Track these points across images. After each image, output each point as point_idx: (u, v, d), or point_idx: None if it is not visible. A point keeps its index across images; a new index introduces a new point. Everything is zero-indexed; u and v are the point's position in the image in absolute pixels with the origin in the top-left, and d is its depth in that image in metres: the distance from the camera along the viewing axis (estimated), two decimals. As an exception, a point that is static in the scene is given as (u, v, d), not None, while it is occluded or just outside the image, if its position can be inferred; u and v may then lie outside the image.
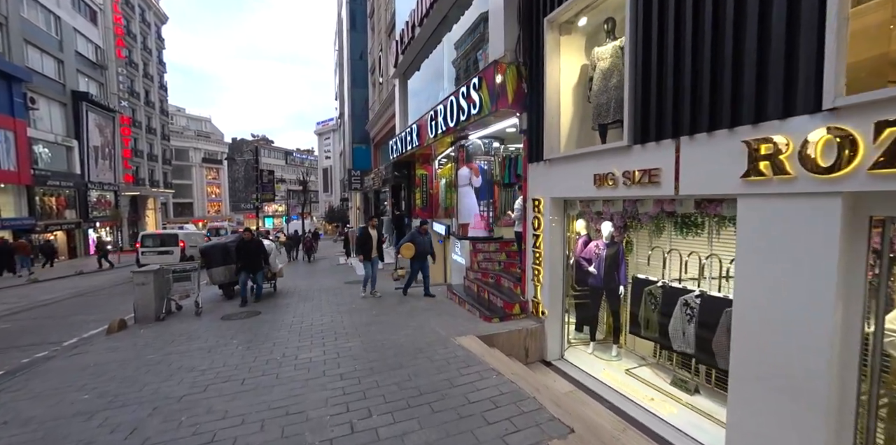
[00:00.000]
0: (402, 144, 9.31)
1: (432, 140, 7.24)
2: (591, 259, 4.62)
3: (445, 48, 7.98)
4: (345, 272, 11.22)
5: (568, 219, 4.77)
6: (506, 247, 6.93)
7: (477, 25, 8.05)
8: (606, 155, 3.71)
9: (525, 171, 5.12)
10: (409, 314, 5.60)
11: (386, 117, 13.31)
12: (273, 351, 4.12)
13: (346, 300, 6.84)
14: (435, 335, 4.51)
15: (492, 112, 4.98)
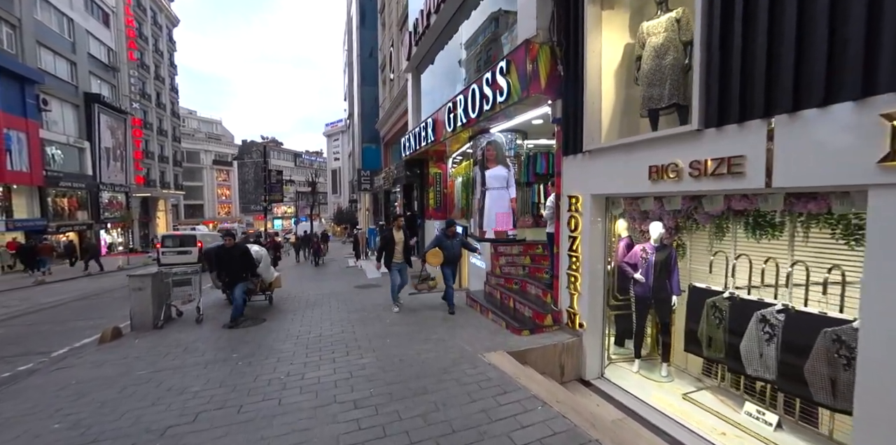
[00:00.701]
0: (415, 141, 8.82)
1: (450, 134, 6.73)
2: (637, 264, 4.04)
3: (464, 34, 7.46)
4: (354, 275, 10.75)
5: (610, 218, 4.20)
6: (530, 251, 6.37)
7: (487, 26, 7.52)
8: (666, 143, 3.15)
9: (558, 166, 4.57)
10: (427, 324, 5.07)
11: (397, 114, 12.86)
12: (277, 367, 3.62)
13: (357, 307, 6.34)
14: (460, 350, 3.97)
15: (522, 99, 4.44)
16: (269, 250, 11.20)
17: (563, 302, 4.55)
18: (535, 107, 4.85)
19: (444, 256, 5.61)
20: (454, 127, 6.45)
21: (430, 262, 5.64)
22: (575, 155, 4.25)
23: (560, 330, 4.51)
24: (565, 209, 4.42)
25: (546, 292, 5.10)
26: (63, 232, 20.78)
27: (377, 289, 8.05)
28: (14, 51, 18.08)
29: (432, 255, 5.62)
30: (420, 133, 8.42)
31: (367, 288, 8.21)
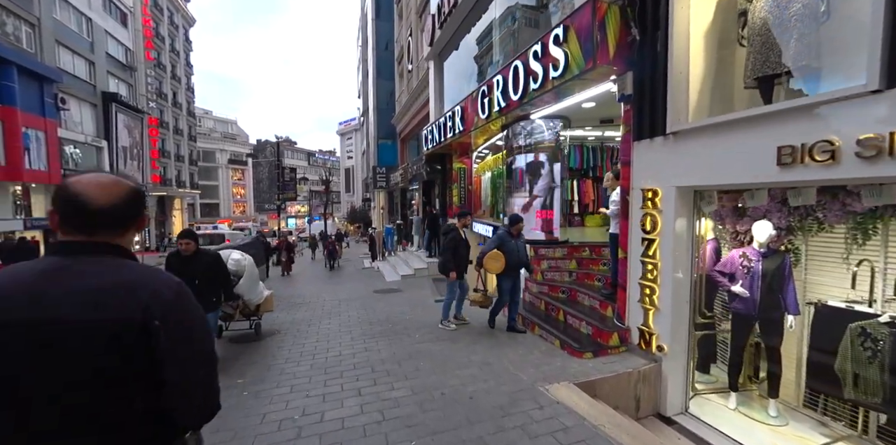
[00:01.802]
0: (438, 133, 8.09)
1: (483, 122, 5.97)
2: (735, 274, 3.22)
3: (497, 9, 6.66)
4: (371, 278, 10.11)
5: (698, 216, 3.38)
6: (575, 254, 5.57)
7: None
8: (808, 114, 2.32)
9: (626, 153, 3.76)
10: (463, 340, 4.34)
11: (416, 108, 12.18)
12: (290, 401, 2.94)
13: (380, 316, 5.65)
14: (513, 379, 3.22)
15: (584, 71, 3.65)
16: (280, 251, 10.55)
17: (632, 319, 3.75)
18: (596, 83, 4.05)
19: (505, 261, 4.31)
20: (489, 113, 5.69)
21: (488, 269, 4.34)
22: (652, 139, 3.44)
23: (629, 353, 3.71)
24: (637, 205, 3.62)
25: (605, 304, 4.30)
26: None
27: (398, 295, 7.37)
28: (33, 50, 18.13)
29: (492, 259, 4.26)
30: (445, 124, 7.69)
31: (388, 294, 7.54)
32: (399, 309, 6.03)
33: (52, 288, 0.81)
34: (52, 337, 0.77)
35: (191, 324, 0.90)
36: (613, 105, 5.06)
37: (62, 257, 0.86)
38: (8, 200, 16.72)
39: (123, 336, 0.80)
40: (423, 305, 6.29)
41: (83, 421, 0.80)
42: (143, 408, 0.84)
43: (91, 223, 0.87)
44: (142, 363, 0.82)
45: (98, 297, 0.81)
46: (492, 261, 4.32)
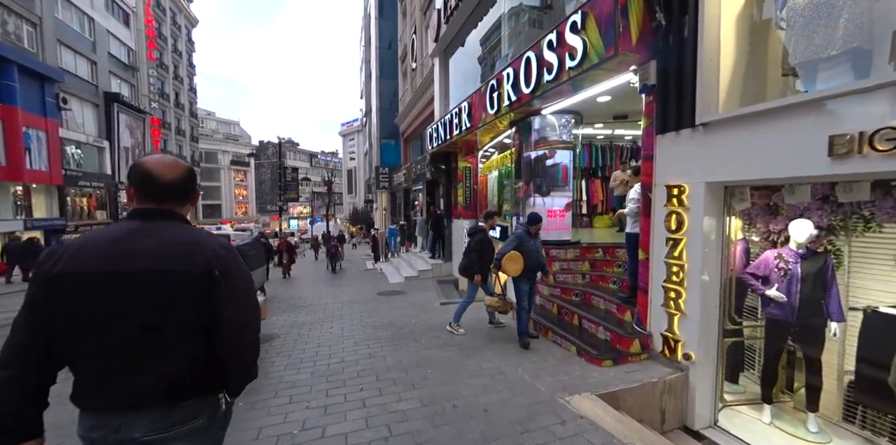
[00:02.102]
0: (444, 131, 7.88)
1: (491, 118, 5.75)
2: (770, 277, 2.98)
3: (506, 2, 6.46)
4: (375, 279, 9.88)
5: (729, 214, 3.14)
6: (588, 255, 5.34)
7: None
8: (867, 99, 2.09)
9: (648, 147, 3.53)
10: (473, 345, 4.10)
11: (419, 106, 11.98)
12: (288, 413, 2.71)
13: (384, 320, 5.42)
14: (530, 390, 2.98)
15: (604, 60, 3.42)
16: (282, 253, 10.31)
17: (654, 324, 3.51)
18: (615, 74, 3.82)
19: (524, 263, 4.00)
20: (497, 108, 5.47)
21: (507, 271, 4.00)
22: (678, 132, 3.22)
23: (651, 361, 3.46)
24: (660, 203, 3.38)
25: (623, 308, 4.06)
26: (81, 232, 20.71)
27: (402, 297, 7.14)
28: (35, 49, 18.05)
29: (511, 260, 3.93)
30: (450, 121, 7.48)
31: (391, 296, 7.31)
32: (404, 312, 5.80)
33: (134, 244, 1.01)
34: (144, 279, 0.99)
35: (238, 274, 1.10)
36: (630, 99, 4.85)
37: (141, 221, 1.07)
38: (8, 200, 16.60)
39: (193, 280, 1.02)
40: (429, 308, 6.06)
41: (163, 341, 1.01)
42: (203, 347, 1.05)
43: (161, 194, 1.08)
44: (205, 302, 1.03)
45: (172, 252, 1.03)
46: (510, 263, 3.97)
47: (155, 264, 1.00)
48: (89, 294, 0.98)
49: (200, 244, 1.06)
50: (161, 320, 1.00)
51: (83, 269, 0.99)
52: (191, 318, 1.03)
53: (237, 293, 1.09)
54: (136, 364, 1.00)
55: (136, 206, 1.09)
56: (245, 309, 1.11)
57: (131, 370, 0.99)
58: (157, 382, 1.00)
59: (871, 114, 2.05)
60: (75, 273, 0.98)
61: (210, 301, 1.04)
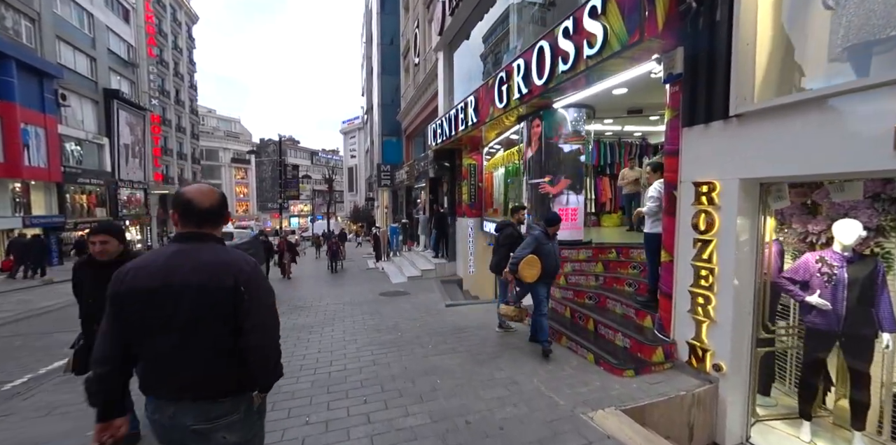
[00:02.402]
0: (448, 126, 7.63)
1: (500, 112, 5.50)
2: (811, 282, 2.73)
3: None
4: (377, 279, 9.66)
5: (765, 213, 2.89)
6: (601, 255, 5.09)
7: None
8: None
9: (672, 141, 3.28)
10: (483, 351, 3.87)
11: (422, 102, 11.73)
12: (286, 429, 2.50)
13: (387, 322, 5.19)
14: (548, 403, 2.75)
15: (628, 47, 3.17)
16: (282, 253, 10.02)
17: (679, 331, 3.27)
18: (636, 63, 3.57)
19: (542, 267, 3.72)
20: (507, 102, 5.22)
21: (523, 276, 3.68)
22: (707, 124, 2.97)
23: (676, 371, 3.23)
24: (687, 201, 3.14)
25: (642, 313, 3.82)
26: (81, 229, 20.55)
27: (406, 298, 6.91)
28: (33, 45, 17.83)
29: (528, 265, 3.66)
30: (455, 116, 7.23)
31: (395, 297, 7.09)
32: (408, 315, 5.58)
33: (178, 262, 1.24)
34: (184, 293, 1.21)
35: (260, 288, 1.28)
36: (648, 91, 4.60)
37: (183, 243, 1.29)
38: (7, 197, 16.42)
39: (224, 294, 1.22)
40: (433, 310, 5.83)
41: (205, 348, 1.23)
42: (235, 350, 1.25)
43: (199, 219, 1.29)
44: (233, 312, 1.23)
45: (209, 269, 1.24)
46: (528, 268, 3.66)
47: (192, 280, 1.21)
48: (147, 306, 1.21)
49: (230, 263, 1.26)
50: (198, 327, 1.21)
51: (142, 286, 1.22)
52: (223, 326, 1.23)
53: (259, 304, 1.27)
54: (181, 364, 1.22)
55: (180, 230, 1.31)
56: (266, 316, 1.30)
57: (178, 368, 1.22)
58: (197, 380, 1.22)
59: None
60: (137, 289, 1.22)
61: (237, 311, 1.23)
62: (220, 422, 1.24)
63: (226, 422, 1.24)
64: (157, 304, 1.20)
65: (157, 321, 1.21)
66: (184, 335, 1.21)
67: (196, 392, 1.23)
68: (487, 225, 7.98)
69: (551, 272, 3.83)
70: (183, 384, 1.22)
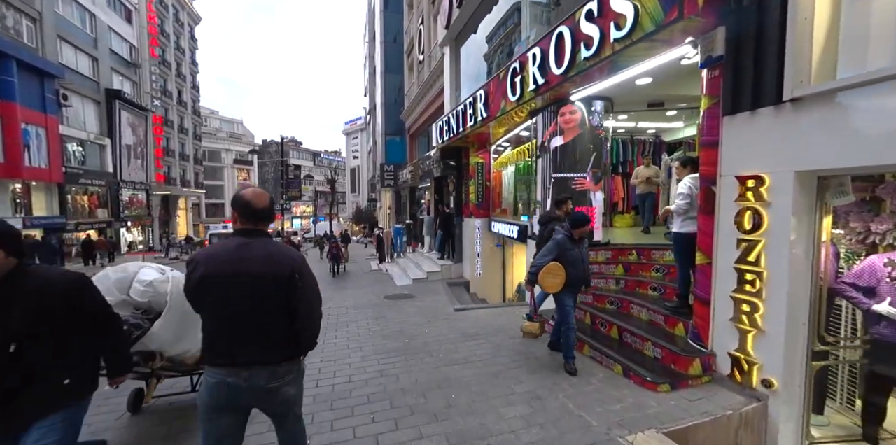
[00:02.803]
0: (456, 123, 7.34)
1: (512, 106, 5.20)
2: (879, 288, 2.42)
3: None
4: (380, 281, 9.37)
5: (822, 210, 2.58)
6: (621, 257, 4.78)
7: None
8: None
9: (711, 132, 2.98)
10: (499, 361, 3.57)
11: (427, 100, 11.47)
12: (286, 455, 2.19)
13: (393, 328, 4.90)
14: (578, 424, 2.44)
15: (664, 26, 2.87)
16: None
17: (718, 342, 2.96)
18: (668, 46, 3.26)
19: (566, 276, 3.24)
20: (521, 94, 4.92)
21: (545, 287, 3.26)
22: (754, 111, 2.66)
23: (716, 385, 2.91)
24: (729, 197, 2.83)
25: (672, 320, 3.51)
26: (82, 231, 20.40)
27: (411, 302, 6.61)
28: (34, 44, 17.72)
29: (550, 273, 3.19)
30: (463, 112, 6.94)
31: (400, 300, 6.79)
32: (415, 320, 5.28)
33: (245, 254, 1.50)
34: (251, 280, 1.48)
35: (309, 276, 1.60)
36: (674, 81, 4.30)
37: (244, 237, 1.54)
38: (7, 198, 16.26)
39: (283, 280, 1.50)
40: (441, 315, 5.53)
41: (268, 323, 1.52)
42: (288, 324, 1.55)
43: (255, 217, 1.56)
44: (288, 296, 1.52)
45: (271, 261, 1.51)
46: (549, 277, 3.18)
47: (257, 268, 1.46)
48: (219, 288, 1.46)
49: (284, 254, 1.53)
50: (263, 307, 1.47)
51: (214, 272, 1.47)
52: (281, 305, 1.49)
53: (308, 288, 1.55)
54: (251, 336, 1.48)
55: (240, 227, 1.54)
56: (313, 299, 1.59)
57: (249, 340, 1.48)
58: (266, 348, 1.50)
59: None
60: (210, 275, 1.47)
61: (292, 294, 1.50)
62: (286, 379, 1.54)
63: (289, 379, 1.56)
64: (232, 288, 1.45)
65: (228, 301, 1.45)
66: (254, 313, 1.47)
67: (265, 358, 1.48)
68: (496, 225, 7.68)
69: (577, 282, 3.32)
70: (255, 352, 1.47)
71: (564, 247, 3.25)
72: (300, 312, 1.53)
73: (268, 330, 1.51)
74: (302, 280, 1.54)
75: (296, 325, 1.54)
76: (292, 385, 1.60)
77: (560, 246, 3.25)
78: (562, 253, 3.24)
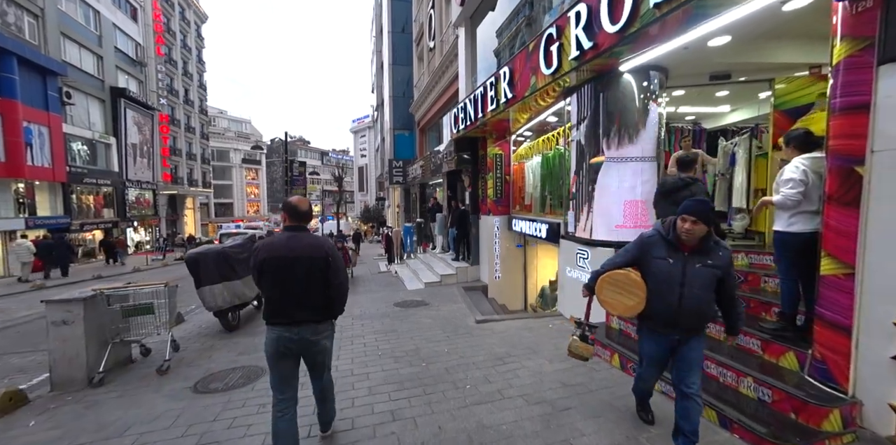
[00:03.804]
0: (474, 108, 6.53)
1: (548, 80, 4.36)
2: None
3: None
4: (390, 285, 8.62)
5: None
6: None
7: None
8: None
9: (859, 88, 2.12)
10: (545, 400, 2.76)
11: (438, 89, 10.67)
12: None
13: (406, 346, 4.12)
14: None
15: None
16: None
17: (866, 386, 2.11)
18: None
19: (651, 293, 2.06)
20: (558, 65, 4.08)
21: (606, 305, 2.19)
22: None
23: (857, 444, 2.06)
24: (892, 181, 1.98)
25: (777, 347, 2.65)
26: (88, 231, 20.13)
27: (425, 310, 5.84)
28: (37, 41, 17.39)
29: (616, 287, 2.13)
30: (483, 95, 6.12)
31: (412, 308, 6.02)
32: (431, 335, 4.50)
33: (294, 243, 2.07)
34: (301, 262, 2.05)
35: (338, 258, 2.17)
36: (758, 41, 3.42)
37: (292, 231, 2.13)
38: (9, 198, 15.96)
39: (321, 261, 2.08)
40: (462, 328, 4.75)
41: (313, 292, 2.09)
42: (325, 293, 2.12)
43: (299, 217, 2.15)
44: (326, 270, 2.10)
45: (310, 247, 2.09)
46: (613, 291, 2.11)
47: (304, 253, 2.06)
48: (277, 267, 2.06)
49: (321, 243, 2.13)
50: (310, 280, 2.07)
51: (273, 255, 2.07)
52: (322, 279, 2.09)
53: (338, 266, 2.14)
54: (301, 302, 2.07)
55: (288, 224, 2.16)
56: (341, 274, 2.16)
57: (299, 305, 2.07)
58: (311, 311, 2.10)
59: None
60: (271, 257, 2.07)
61: (326, 270, 2.09)
62: (324, 334, 2.16)
63: (326, 334, 2.18)
64: (288, 266, 2.05)
65: (289, 276, 2.05)
66: (303, 284, 2.06)
67: (309, 317, 2.09)
68: (518, 223, 6.86)
69: (666, 316, 2.01)
70: (302, 314, 2.07)
71: (649, 248, 2.06)
72: (332, 282, 2.11)
73: (311, 297, 2.07)
74: (334, 261, 2.11)
75: (330, 292, 2.10)
76: (328, 340, 2.19)
77: (641, 247, 2.11)
78: (644, 259, 2.08)
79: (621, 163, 4.13)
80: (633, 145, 4.09)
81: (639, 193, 4.09)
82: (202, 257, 4.62)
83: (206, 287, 4.60)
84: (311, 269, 2.04)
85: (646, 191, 4.04)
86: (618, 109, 4.12)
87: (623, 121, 4.11)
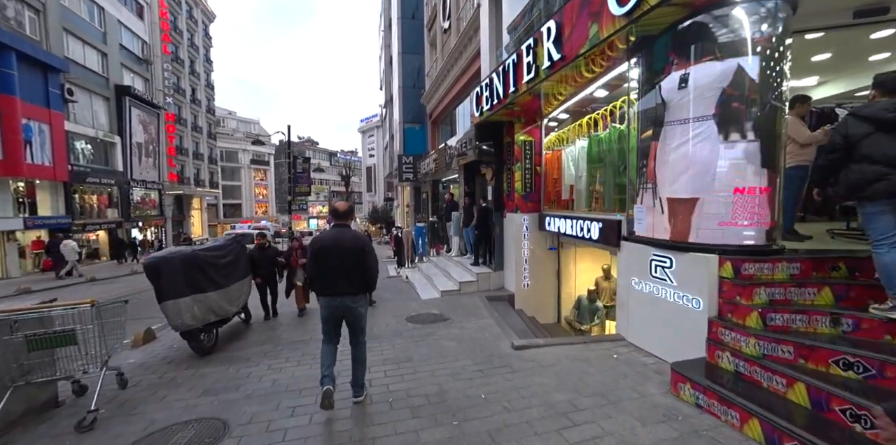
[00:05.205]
0: (503, 84, 5.42)
1: (620, 25, 3.22)
2: None
3: None
4: (401, 293, 7.55)
5: None
6: (819, 274, 2.76)
7: None
8: None
9: None
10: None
11: (454, 75, 9.61)
12: None
13: (426, 386, 3.02)
14: None
15: None
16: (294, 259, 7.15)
17: None
18: None
19: None
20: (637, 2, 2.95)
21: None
22: None
23: None
24: None
25: None
26: (90, 231, 19.58)
27: (445, 328, 4.74)
28: (38, 37, 16.88)
29: None
30: (516, 64, 5.01)
31: (429, 326, 4.93)
32: (458, 366, 3.40)
33: (340, 236, 2.91)
34: (344, 250, 2.86)
35: (372, 248, 2.95)
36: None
37: (338, 228, 2.99)
38: (8, 197, 15.40)
39: (360, 250, 2.88)
40: (496, 355, 3.63)
41: (352, 272, 2.86)
42: (362, 274, 2.92)
43: (342, 217, 3.06)
44: (360, 258, 2.87)
45: (353, 239, 2.92)
46: None
47: (348, 244, 2.81)
48: (330, 254, 2.81)
49: (360, 236, 2.93)
50: (352, 264, 2.79)
51: (325, 245, 2.84)
52: (360, 263, 2.79)
53: (372, 256, 2.87)
54: (344, 279, 2.80)
55: (334, 222, 3.00)
56: (374, 262, 2.88)
57: (344, 281, 2.80)
58: (352, 286, 2.82)
59: None
60: (325, 246, 2.83)
61: (363, 257, 2.81)
62: (360, 302, 2.88)
63: (361, 302, 2.90)
64: (335, 254, 2.78)
65: (335, 261, 2.77)
66: (347, 266, 2.77)
67: (349, 290, 2.80)
68: (554, 222, 5.72)
69: None
70: (345, 288, 2.79)
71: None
72: (367, 265, 2.84)
73: (351, 275, 2.80)
74: (369, 251, 2.87)
75: (366, 275, 2.85)
76: (363, 307, 2.93)
77: None
78: None
79: (728, 143, 2.97)
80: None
81: (749, 176, 2.93)
82: (165, 263, 3.61)
83: (170, 301, 3.59)
84: (352, 255, 2.79)
85: (759, 177, 2.88)
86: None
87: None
